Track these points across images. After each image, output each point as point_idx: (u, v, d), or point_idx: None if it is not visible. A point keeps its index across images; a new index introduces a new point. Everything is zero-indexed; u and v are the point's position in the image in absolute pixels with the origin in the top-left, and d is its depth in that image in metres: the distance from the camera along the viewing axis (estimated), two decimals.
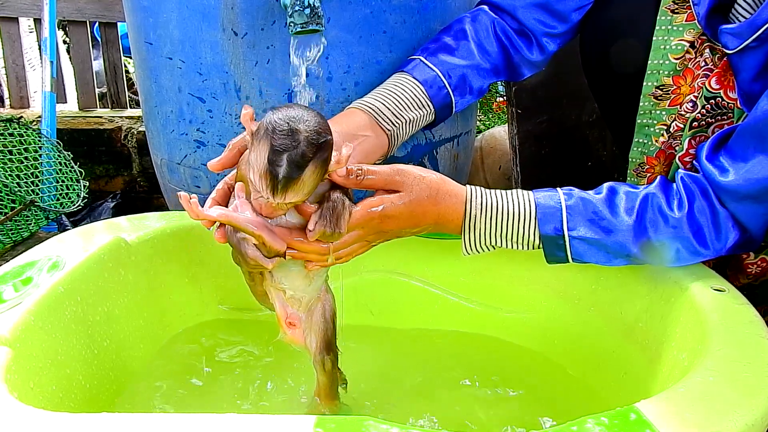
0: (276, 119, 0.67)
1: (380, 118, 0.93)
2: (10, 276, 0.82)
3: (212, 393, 0.91)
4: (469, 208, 0.83)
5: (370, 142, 0.92)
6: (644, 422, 0.57)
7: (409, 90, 0.97)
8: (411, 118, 0.96)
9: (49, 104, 1.76)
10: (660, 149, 0.97)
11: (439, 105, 0.99)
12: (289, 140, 0.65)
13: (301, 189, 0.67)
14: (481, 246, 0.85)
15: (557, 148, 1.51)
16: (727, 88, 0.89)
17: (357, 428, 0.56)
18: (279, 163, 0.65)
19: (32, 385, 0.71)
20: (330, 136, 0.68)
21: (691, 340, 0.77)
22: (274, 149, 0.65)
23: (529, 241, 0.84)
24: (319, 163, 0.67)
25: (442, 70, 0.99)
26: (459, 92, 1.01)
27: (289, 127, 0.66)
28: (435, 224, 0.83)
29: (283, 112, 0.67)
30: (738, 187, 0.81)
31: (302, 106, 0.69)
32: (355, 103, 0.96)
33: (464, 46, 1.02)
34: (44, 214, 1.51)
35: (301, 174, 0.66)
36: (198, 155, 1.15)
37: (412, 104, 0.96)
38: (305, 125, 0.66)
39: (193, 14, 1.05)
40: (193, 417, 0.57)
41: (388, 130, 0.94)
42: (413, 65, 0.99)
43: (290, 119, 0.66)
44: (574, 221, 0.83)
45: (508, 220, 0.84)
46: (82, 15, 2.12)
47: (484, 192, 0.85)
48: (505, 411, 0.90)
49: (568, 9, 1.04)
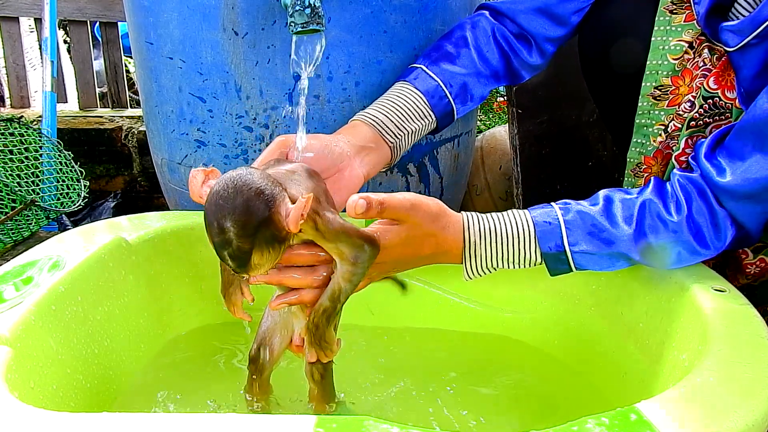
0: (207, 210, 0.65)
1: (384, 130, 0.94)
2: (11, 275, 0.82)
3: (212, 393, 0.91)
4: (467, 236, 0.83)
5: (375, 154, 0.94)
6: (645, 422, 0.57)
7: (411, 101, 0.98)
8: (413, 129, 0.98)
9: (50, 104, 1.76)
10: (657, 149, 0.97)
11: (440, 114, 1.01)
12: (221, 238, 0.63)
13: (261, 268, 0.66)
14: (482, 270, 0.86)
15: (557, 148, 1.51)
16: (725, 88, 0.89)
17: (357, 428, 0.56)
18: (225, 258, 0.65)
19: (32, 384, 0.71)
20: (267, 212, 0.63)
21: (691, 340, 0.77)
22: (214, 245, 0.65)
23: (531, 260, 0.85)
24: (263, 246, 0.64)
25: (443, 80, 1.00)
26: (460, 100, 1.02)
27: (218, 225, 0.63)
28: (433, 254, 0.83)
29: (213, 197, 0.64)
30: (736, 187, 0.80)
31: (237, 175, 0.65)
32: (359, 115, 0.97)
33: (465, 54, 1.03)
34: (45, 213, 1.51)
35: (249, 262, 0.65)
36: (198, 155, 1.15)
37: (414, 115, 0.98)
38: (232, 218, 0.63)
39: (194, 14, 1.05)
40: (193, 417, 0.57)
41: (391, 142, 0.95)
42: (415, 75, 1.00)
43: (218, 212, 0.63)
44: (574, 236, 0.83)
45: (508, 242, 0.84)
46: (83, 14, 2.12)
47: (480, 217, 0.85)
48: (505, 410, 0.90)
49: (567, 12, 1.04)
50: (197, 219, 1.04)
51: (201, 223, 0.72)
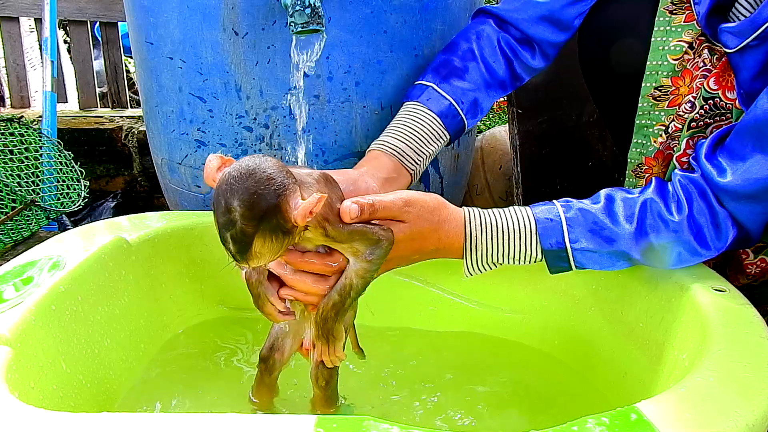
0: (217, 189, 0.64)
1: (404, 159, 0.95)
2: (11, 275, 0.82)
3: (213, 393, 0.91)
4: (469, 231, 0.83)
5: (398, 184, 0.94)
6: (645, 422, 0.57)
7: (427, 124, 0.98)
8: (431, 152, 0.99)
9: (50, 104, 1.76)
10: (658, 150, 0.97)
11: (453, 131, 1.02)
12: (227, 218, 0.62)
13: (260, 258, 0.65)
14: (483, 266, 0.85)
15: (557, 148, 1.51)
16: (725, 88, 0.89)
17: (357, 428, 0.56)
18: (227, 241, 0.64)
19: (33, 384, 0.71)
20: (276, 199, 0.63)
21: (691, 340, 0.77)
22: (218, 225, 0.64)
23: (531, 256, 0.85)
24: (266, 233, 0.63)
25: (455, 98, 1.00)
26: (471, 115, 1.03)
27: (225, 204, 0.62)
28: (435, 250, 0.83)
29: (225, 177, 0.64)
30: (736, 187, 0.80)
31: (252, 160, 0.65)
32: (378, 144, 0.96)
33: (473, 69, 1.03)
34: (45, 213, 1.51)
35: (250, 249, 0.64)
36: (198, 155, 1.15)
37: (431, 138, 0.98)
38: (240, 199, 0.62)
39: (194, 14, 1.05)
40: (193, 417, 0.57)
41: (412, 169, 0.96)
42: (427, 95, 1.00)
43: (227, 191, 0.63)
44: (575, 233, 0.83)
45: (509, 238, 0.84)
46: (83, 14, 2.12)
47: (481, 212, 0.85)
48: (505, 410, 0.90)
49: (570, 17, 1.04)
50: (197, 219, 1.04)
51: (201, 223, 0.72)
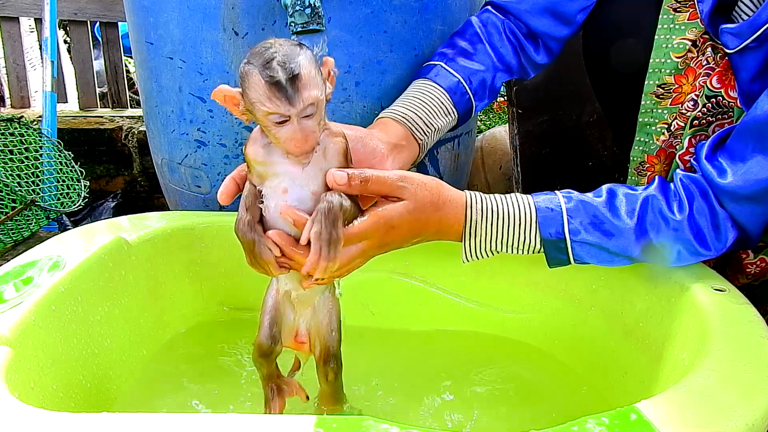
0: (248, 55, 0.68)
1: (414, 128, 0.94)
2: (11, 275, 0.82)
3: (213, 393, 0.91)
4: (469, 214, 0.82)
5: (407, 152, 0.92)
6: (645, 422, 0.57)
7: (435, 98, 0.97)
8: (439, 126, 0.97)
9: (50, 104, 1.76)
10: (661, 148, 0.97)
11: (462, 110, 1.00)
12: (270, 52, 0.66)
13: (311, 83, 0.67)
14: (481, 252, 0.85)
15: (558, 148, 1.51)
16: (728, 87, 0.89)
17: (357, 428, 0.56)
18: (276, 71, 0.65)
19: (33, 384, 0.71)
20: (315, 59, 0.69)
21: (691, 339, 0.77)
22: (264, 66, 0.66)
23: (530, 245, 0.84)
24: (308, 55, 0.67)
25: (463, 76, 1.00)
26: (479, 97, 1.02)
27: (261, 47, 0.67)
28: (436, 232, 0.82)
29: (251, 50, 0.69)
30: (736, 188, 0.80)
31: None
32: (388, 112, 0.95)
33: (481, 50, 1.03)
34: (45, 213, 1.51)
35: (300, 66, 0.66)
36: (198, 155, 1.15)
37: (439, 112, 0.97)
38: (272, 40, 0.68)
39: (194, 14, 1.05)
40: (193, 417, 0.57)
41: (421, 140, 0.94)
42: (435, 72, 0.99)
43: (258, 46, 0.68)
44: (575, 224, 0.83)
45: (509, 224, 0.83)
46: (83, 15, 2.12)
47: (483, 197, 0.84)
48: (505, 410, 0.90)
49: (573, 11, 1.04)
50: (197, 219, 1.04)
51: (201, 223, 0.72)
